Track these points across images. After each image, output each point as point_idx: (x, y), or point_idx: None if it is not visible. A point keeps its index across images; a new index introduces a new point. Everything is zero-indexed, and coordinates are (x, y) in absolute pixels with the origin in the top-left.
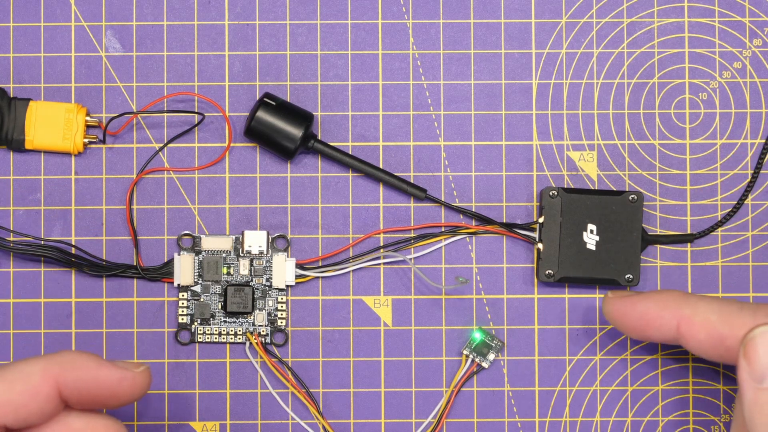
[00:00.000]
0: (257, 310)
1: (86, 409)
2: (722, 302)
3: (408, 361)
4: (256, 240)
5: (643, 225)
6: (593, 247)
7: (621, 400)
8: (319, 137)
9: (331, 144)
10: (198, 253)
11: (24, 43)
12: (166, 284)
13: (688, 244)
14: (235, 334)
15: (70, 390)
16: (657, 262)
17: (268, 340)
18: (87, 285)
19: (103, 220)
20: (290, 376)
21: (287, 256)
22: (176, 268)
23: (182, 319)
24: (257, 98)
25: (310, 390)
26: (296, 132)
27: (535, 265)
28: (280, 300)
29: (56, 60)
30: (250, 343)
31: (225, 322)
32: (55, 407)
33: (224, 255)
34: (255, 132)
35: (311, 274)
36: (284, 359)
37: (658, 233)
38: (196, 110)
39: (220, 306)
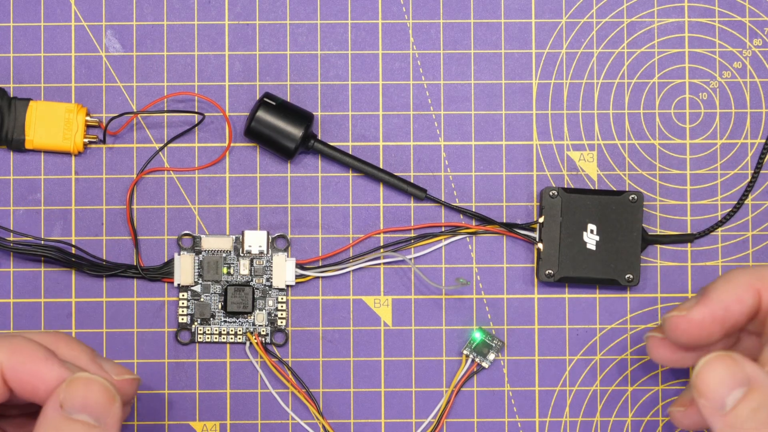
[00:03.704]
0: (257, 310)
1: (29, 401)
2: None
3: (408, 361)
4: (256, 240)
5: (643, 225)
6: (593, 247)
7: (621, 400)
8: (319, 137)
9: (331, 144)
10: (198, 253)
11: (24, 43)
12: (166, 284)
13: (688, 244)
14: (235, 334)
15: (11, 377)
16: (657, 262)
17: (268, 340)
18: (87, 285)
19: (103, 220)
20: (290, 376)
21: (287, 256)
22: (176, 268)
23: (182, 319)
24: (257, 98)
25: (310, 390)
26: (296, 132)
27: (535, 265)
28: (280, 300)
29: (56, 60)
30: (250, 343)
31: (225, 322)
32: (1, 391)
33: (224, 255)
34: (255, 132)
35: (311, 274)
36: (284, 359)
37: (658, 233)
38: (196, 110)
39: (220, 306)
